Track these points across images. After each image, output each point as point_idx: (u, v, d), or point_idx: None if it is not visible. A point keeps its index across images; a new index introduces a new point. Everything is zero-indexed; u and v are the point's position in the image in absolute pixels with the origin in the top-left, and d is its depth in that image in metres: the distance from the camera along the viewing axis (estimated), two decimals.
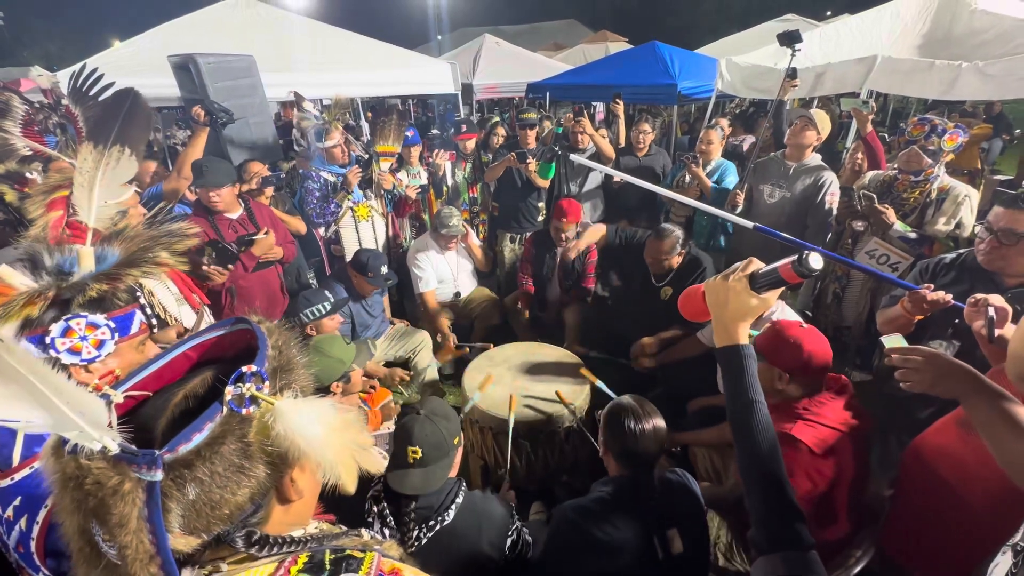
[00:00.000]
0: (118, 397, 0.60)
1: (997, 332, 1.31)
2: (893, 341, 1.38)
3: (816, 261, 0.77)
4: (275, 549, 0.65)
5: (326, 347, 1.94)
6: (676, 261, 2.73)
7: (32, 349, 0.99)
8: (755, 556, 0.80)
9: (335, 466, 0.62)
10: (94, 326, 1.05)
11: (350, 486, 0.67)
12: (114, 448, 0.50)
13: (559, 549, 1.40)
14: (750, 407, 0.83)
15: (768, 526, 0.79)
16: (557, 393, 2.19)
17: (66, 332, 1.01)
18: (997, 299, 1.36)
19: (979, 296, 1.39)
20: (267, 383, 0.61)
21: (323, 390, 1.91)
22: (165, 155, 6.14)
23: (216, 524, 0.59)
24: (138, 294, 1.11)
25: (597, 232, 3.05)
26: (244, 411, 0.58)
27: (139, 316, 1.14)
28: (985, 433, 1.00)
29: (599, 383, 2.26)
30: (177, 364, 0.67)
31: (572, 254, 3.05)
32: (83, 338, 1.03)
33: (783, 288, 0.85)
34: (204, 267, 2.51)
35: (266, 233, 2.69)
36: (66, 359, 1.01)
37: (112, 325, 1.07)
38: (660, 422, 1.46)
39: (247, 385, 0.59)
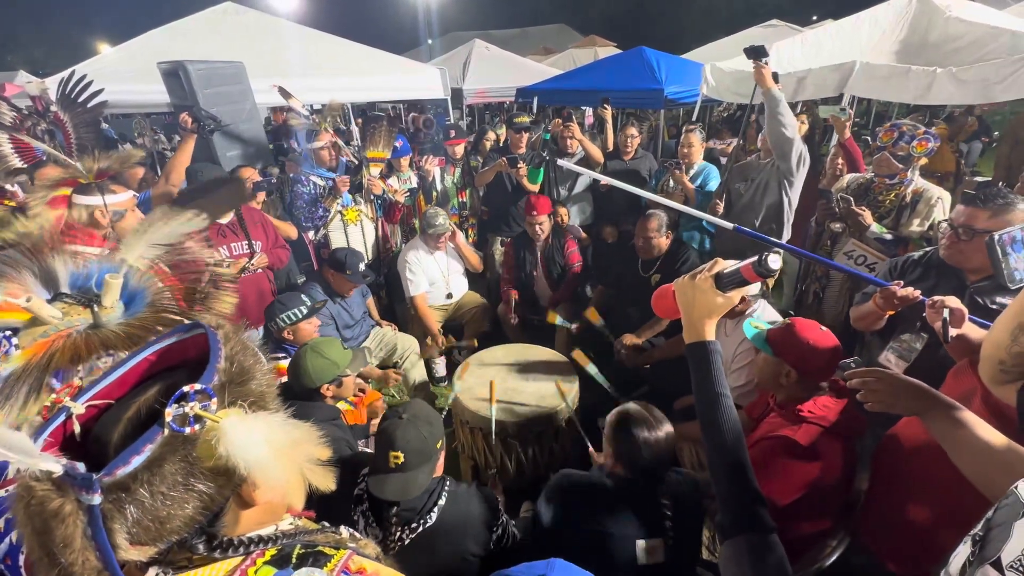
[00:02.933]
0: (79, 409, 0.60)
1: (954, 332, 1.37)
2: (848, 364, 1.44)
3: (774, 262, 0.81)
4: (241, 549, 0.64)
5: (323, 348, 1.93)
6: (664, 243, 2.83)
7: (56, 384, 0.96)
8: (721, 540, 0.84)
9: (280, 485, 0.61)
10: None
11: (297, 504, 0.67)
12: (58, 470, 0.51)
13: (551, 506, 1.43)
14: (716, 400, 0.87)
15: (732, 511, 0.83)
16: (557, 384, 2.25)
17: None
18: (953, 301, 1.42)
19: (936, 298, 1.44)
20: (214, 399, 0.59)
21: (314, 391, 1.92)
22: (153, 161, 6.12)
23: (167, 536, 0.58)
24: None
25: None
26: (188, 430, 0.56)
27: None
28: (945, 445, 1.04)
29: (591, 368, 2.29)
30: (140, 369, 0.67)
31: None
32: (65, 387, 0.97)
33: (747, 287, 0.89)
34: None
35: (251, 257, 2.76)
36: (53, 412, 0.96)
37: None
38: (670, 428, 1.47)
39: (190, 404, 0.57)
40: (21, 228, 0.87)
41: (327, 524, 0.83)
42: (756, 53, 2.55)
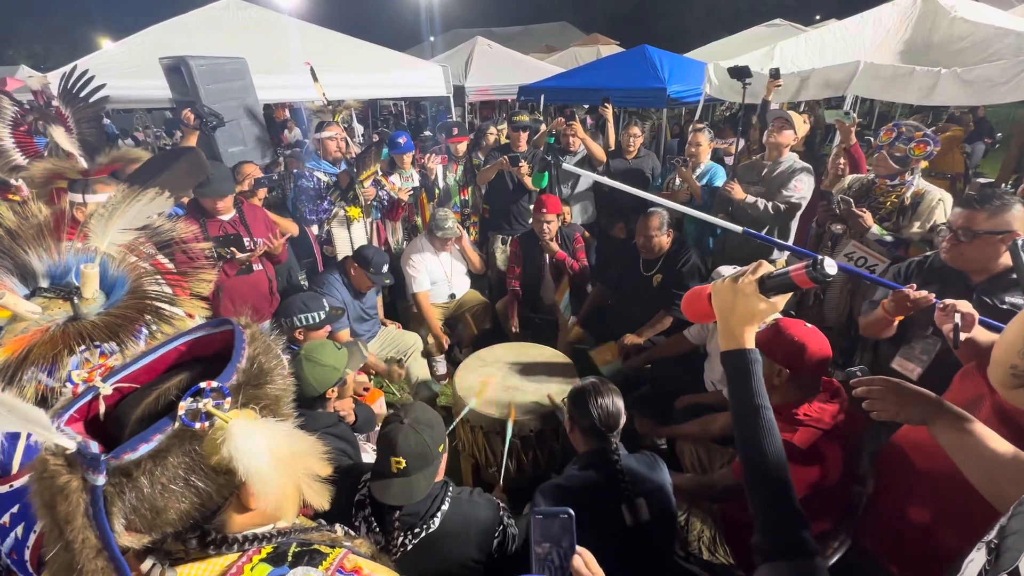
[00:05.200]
0: (106, 389, 0.61)
1: (963, 336, 1.36)
2: (853, 373, 1.44)
3: (831, 267, 0.76)
4: (235, 547, 0.64)
5: (318, 355, 1.88)
6: (665, 242, 2.83)
7: (45, 380, 0.93)
8: (759, 562, 0.78)
9: (275, 495, 0.61)
10: (107, 354, 1.00)
11: (290, 515, 0.67)
12: (71, 447, 0.52)
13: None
14: (756, 412, 0.80)
15: (773, 533, 0.78)
16: (549, 397, 2.23)
17: (81, 364, 0.96)
18: (965, 305, 1.41)
19: (948, 302, 1.43)
20: (228, 398, 0.59)
21: (319, 397, 1.89)
22: None
23: (162, 527, 0.58)
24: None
25: None
26: (197, 426, 0.57)
27: (145, 331, 1.10)
28: (953, 455, 1.03)
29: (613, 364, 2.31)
30: (170, 358, 0.67)
31: None
32: (98, 367, 0.98)
33: (792, 293, 0.83)
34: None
35: (251, 250, 2.72)
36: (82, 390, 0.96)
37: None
38: (619, 399, 1.58)
39: (204, 400, 0.58)
40: (7, 223, 0.87)
41: (323, 522, 0.83)
42: (740, 73, 2.55)
